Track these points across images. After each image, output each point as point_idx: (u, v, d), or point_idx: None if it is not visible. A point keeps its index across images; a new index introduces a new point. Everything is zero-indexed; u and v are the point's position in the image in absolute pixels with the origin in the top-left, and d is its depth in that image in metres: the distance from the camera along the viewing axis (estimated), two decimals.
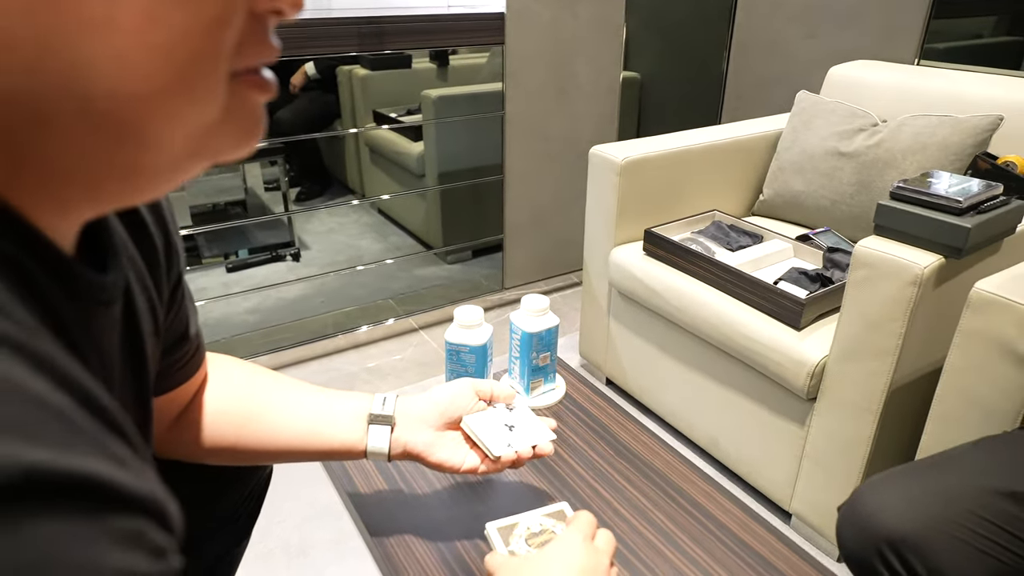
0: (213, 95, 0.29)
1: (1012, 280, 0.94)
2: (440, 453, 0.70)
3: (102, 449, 0.23)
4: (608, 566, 0.58)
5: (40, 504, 0.20)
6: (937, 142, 1.46)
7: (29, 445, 0.20)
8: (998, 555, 0.75)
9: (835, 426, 1.21)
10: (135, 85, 0.26)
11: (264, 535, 1.34)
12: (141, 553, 0.23)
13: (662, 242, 1.51)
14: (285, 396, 0.68)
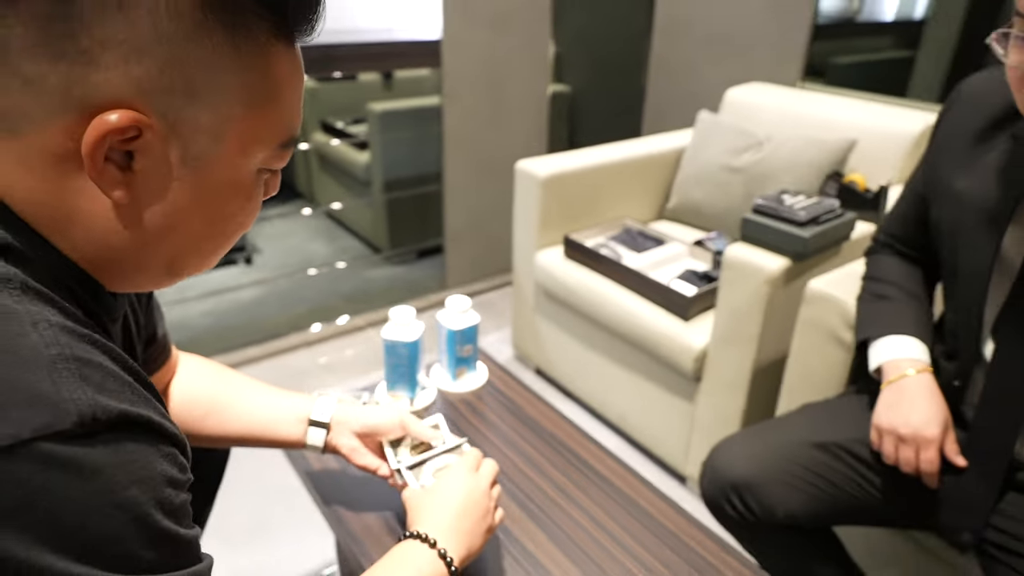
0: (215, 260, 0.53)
1: (837, 280, 1.18)
2: (362, 459, 0.87)
3: (152, 405, 0.42)
4: (488, 487, 0.78)
5: (127, 433, 0.39)
6: (806, 161, 1.71)
7: (116, 400, 0.39)
8: (809, 491, 0.98)
9: (715, 401, 1.44)
10: (208, 257, 0.51)
11: (226, 514, 1.50)
12: (175, 468, 0.43)
13: (579, 247, 1.72)
14: (242, 395, 0.85)
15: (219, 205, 0.47)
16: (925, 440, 0.90)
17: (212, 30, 0.41)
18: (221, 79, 0.42)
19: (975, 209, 0.87)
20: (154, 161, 0.43)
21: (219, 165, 0.45)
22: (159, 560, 0.39)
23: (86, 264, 0.46)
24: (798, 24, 2.07)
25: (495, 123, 2.30)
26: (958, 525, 0.93)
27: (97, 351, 0.40)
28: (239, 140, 0.45)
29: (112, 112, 0.40)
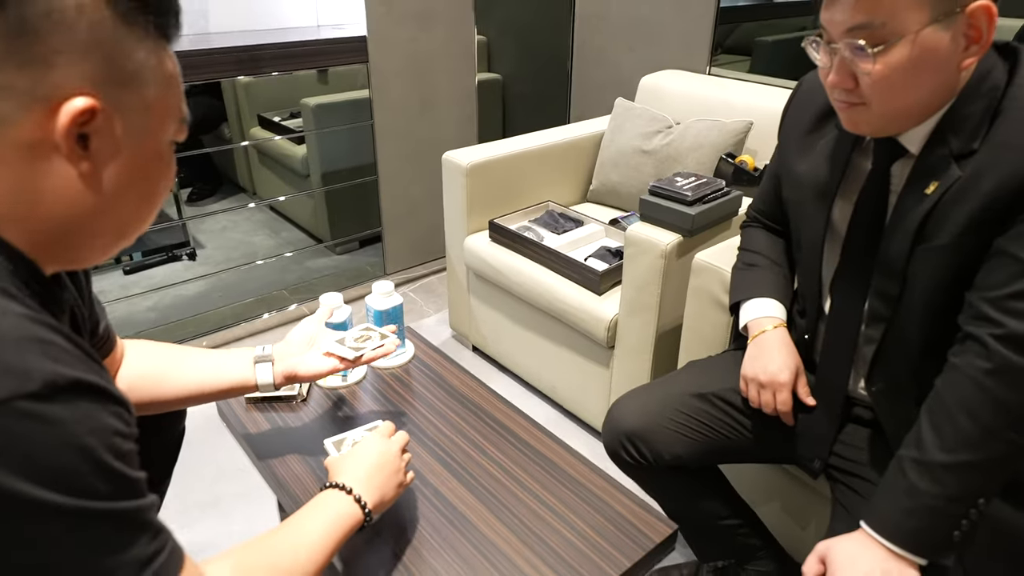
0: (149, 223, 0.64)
1: (719, 252, 1.34)
2: (305, 367, 1.02)
3: (100, 374, 0.54)
4: (399, 450, 0.91)
5: (81, 394, 0.50)
6: (709, 143, 1.87)
7: (71, 369, 0.50)
8: (691, 435, 1.13)
9: (627, 366, 1.60)
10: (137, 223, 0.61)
11: (180, 493, 1.60)
12: (121, 422, 0.54)
13: (503, 231, 1.85)
14: (189, 355, 0.98)
15: (151, 169, 0.61)
16: (779, 384, 1.06)
17: (127, 35, 0.55)
18: (140, 69, 0.57)
19: (810, 187, 1.03)
20: (106, 137, 0.56)
21: (148, 135, 0.59)
22: (112, 491, 0.50)
23: (39, 250, 0.58)
24: (704, 13, 2.22)
25: (424, 114, 2.40)
26: (810, 455, 1.10)
27: (53, 333, 0.52)
28: (158, 115, 0.59)
29: (76, 99, 0.52)
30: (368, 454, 0.88)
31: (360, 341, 1.08)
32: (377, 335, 1.10)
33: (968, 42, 0.79)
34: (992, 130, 0.81)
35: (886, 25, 0.77)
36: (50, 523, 0.47)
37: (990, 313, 0.81)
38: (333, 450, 0.98)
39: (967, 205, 0.82)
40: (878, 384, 0.99)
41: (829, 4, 0.82)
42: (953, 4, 0.76)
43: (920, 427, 0.85)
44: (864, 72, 0.81)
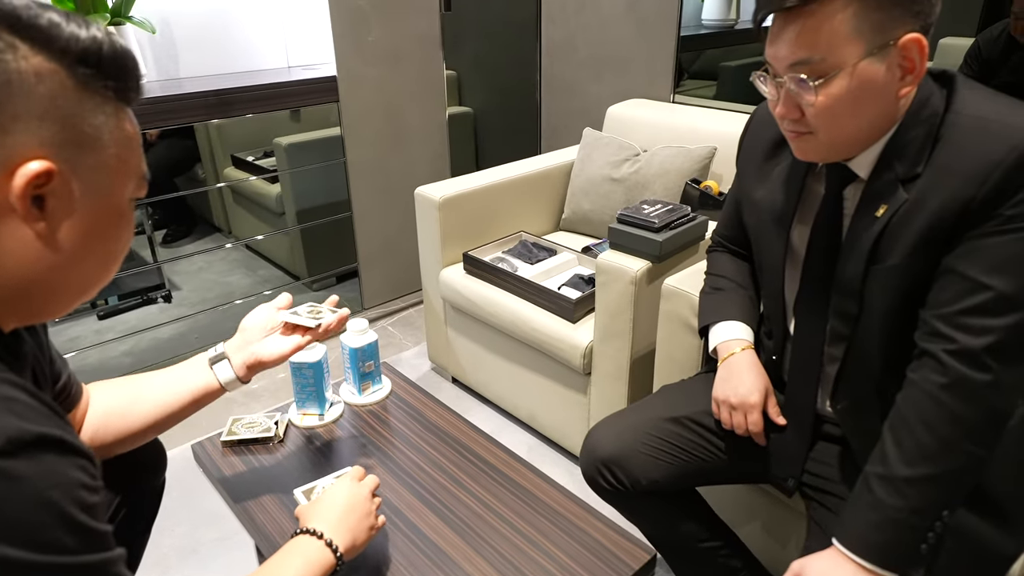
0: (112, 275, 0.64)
1: (687, 276, 1.37)
2: (267, 351, 1.01)
3: (65, 428, 0.54)
4: (369, 493, 0.91)
5: (45, 449, 0.51)
6: (675, 168, 1.92)
7: (36, 425, 0.51)
8: (666, 459, 1.15)
9: (604, 392, 1.61)
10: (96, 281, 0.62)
11: (158, 540, 1.58)
12: (87, 475, 0.55)
13: (478, 263, 1.87)
14: (147, 380, 0.97)
15: (109, 227, 0.62)
16: (749, 406, 1.08)
17: (85, 100, 0.57)
18: (99, 132, 0.59)
19: (768, 213, 1.06)
20: (63, 198, 0.57)
21: (106, 195, 0.61)
22: (78, 545, 0.51)
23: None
24: (665, 42, 2.29)
25: (396, 149, 2.43)
26: (783, 474, 1.11)
27: (15, 389, 0.53)
28: (116, 175, 0.61)
29: (31, 163, 0.54)
30: (338, 498, 0.89)
31: (314, 314, 1.06)
32: (327, 308, 1.08)
33: (903, 72, 0.83)
34: (933, 154, 0.85)
35: (825, 60, 0.81)
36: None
37: (942, 329, 0.84)
38: (303, 499, 0.98)
39: (915, 226, 0.86)
40: (843, 401, 1.01)
41: (772, 41, 0.86)
42: (886, 38, 0.80)
43: (883, 442, 0.88)
44: (808, 103, 0.85)
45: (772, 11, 0.84)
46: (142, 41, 2.06)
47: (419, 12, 2.33)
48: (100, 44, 0.58)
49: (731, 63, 2.38)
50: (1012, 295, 0.80)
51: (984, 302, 0.81)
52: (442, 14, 2.41)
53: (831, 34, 0.80)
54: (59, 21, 0.56)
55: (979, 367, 0.81)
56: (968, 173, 0.81)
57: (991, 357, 0.81)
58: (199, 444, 1.22)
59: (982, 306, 0.81)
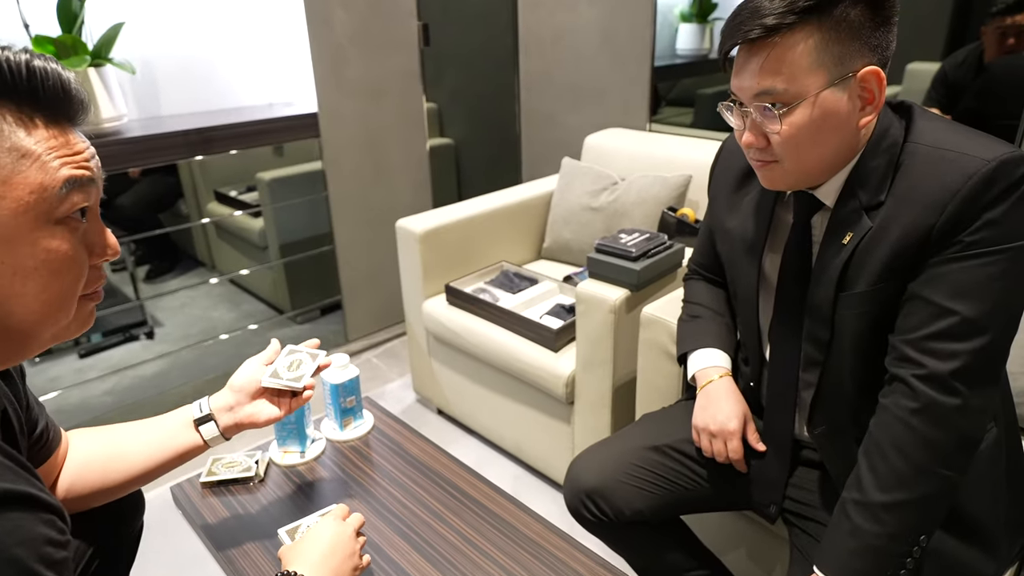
0: (71, 312, 0.62)
1: (665, 304, 1.38)
2: (262, 415, 1.00)
3: (31, 483, 0.54)
4: (353, 532, 0.91)
5: (11, 505, 0.51)
6: (652, 196, 1.94)
7: (0, 480, 0.51)
8: (649, 488, 1.15)
9: (587, 420, 1.61)
10: (37, 319, 0.59)
11: None
12: (54, 531, 0.54)
13: (459, 294, 1.88)
14: (129, 435, 0.95)
15: (20, 260, 0.56)
16: (728, 433, 1.09)
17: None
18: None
19: (740, 242, 1.08)
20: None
21: (4, 224, 0.55)
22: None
23: None
24: (640, 73, 2.33)
25: (378, 182, 2.45)
26: (765, 500, 1.12)
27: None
28: (11, 200, 0.55)
29: None
30: (321, 538, 0.88)
31: (294, 368, 1.04)
32: (306, 356, 1.07)
33: (863, 103, 0.86)
34: (895, 183, 0.88)
35: (788, 90, 0.84)
36: None
37: (911, 354, 0.85)
38: (287, 539, 0.97)
39: (880, 253, 0.87)
40: (819, 427, 1.02)
41: (738, 72, 0.88)
42: (846, 69, 0.83)
43: (859, 469, 0.89)
44: (773, 132, 0.87)
45: (737, 43, 0.87)
46: (123, 81, 2.07)
47: (399, 47, 2.37)
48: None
49: (707, 90, 2.44)
50: (976, 319, 0.81)
51: (950, 327, 0.82)
52: (421, 49, 2.45)
53: (793, 65, 0.83)
54: None
55: (948, 391, 0.83)
56: (928, 202, 0.83)
57: (959, 381, 0.82)
58: (178, 486, 1.21)
59: (948, 331, 0.83)
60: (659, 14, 2.26)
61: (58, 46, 1.72)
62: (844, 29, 0.82)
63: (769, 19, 0.82)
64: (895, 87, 1.84)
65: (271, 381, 1.01)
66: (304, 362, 1.05)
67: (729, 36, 0.87)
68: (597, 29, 2.41)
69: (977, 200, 0.80)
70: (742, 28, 0.84)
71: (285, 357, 1.06)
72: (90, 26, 1.85)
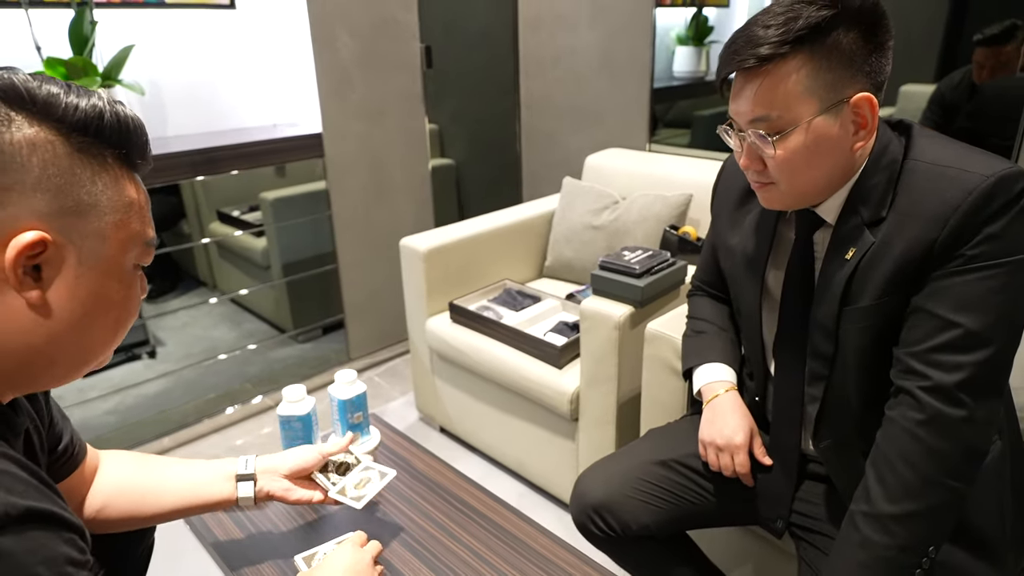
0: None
1: (670, 320, 1.40)
2: (296, 495, 1.02)
3: (54, 501, 0.54)
4: (371, 560, 0.91)
5: (33, 524, 0.51)
6: (654, 215, 1.97)
7: (23, 499, 0.51)
8: (655, 503, 1.15)
9: (592, 437, 1.62)
10: (102, 348, 0.62)
11: None
12: (75, 550, 0.54)
13: (463, 311, 1.90)
14: (168, 472, 0.96)
15: (111, 296, 0.62)
16: (735, 447, 1.10)
17: (82, 167, 0.58)
18: (97, 198, 0.59)
19: (742, 259, 1.10)
20: (58, 266, 0.57)
21: (106, 263, 0.60)
22: None
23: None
24: (639, 95, 2.37)
25: (380, 202, 2.47)
26: (772, 515, 1.12)
27: (6, 462, 0.52)
28: (117, 243, 0.61)
29: (24, 233, 0.54)
30: (339, 565, 0.88)
31: (360, 487, 1.07)
32: (377, 473, 1.10)
33: (856, 128, 0.88)
34: (896, 200, 0.90)
35: (782, 117, 0.86)
36: None
37: (916, 367, 0.87)
38: (303, 565, 0.97)
39: (883, 268, 0.89)
40: (825, 440, 1.03)
41: (734, 98, 0.91)
42: (838, 96, 0.85)
43: (867, 480, 0.90)
44: (768, 156, 0.89)
45: (732, 71, 0.89)
46: (131, 103, 2.10)
47: (401, 69, 2.40)
48: (100, 112, 0.59)
49: (703, 112, 2.48)
50: (980, 331, 0.83)
51: (954, 339, 0.84)
52: (424, 71, 2.49)
53: (786, 93, 0.85)
54: (58, 92, 0.57)
55: (954, 403, 0.84)
56: (929, 217, 0.85)
57: (964, 392, 0.84)
58: None
59: (952, 343, 0.84)
60: (655, 38, 2.30)
61: (69, 68, 1.75)
62: (836, 57, 0.84)
63: (763, 49, 0.84)
64: (889, 108, 1.87)
65: (335, 493, 1.05)
66: (372, 481, 1.08)
67: (725, 64, 0.90)
68: (597, 51, 2.45)
69: (978, 215, 0.82)
70: (737, 57, 0.87)
71: (359, 472, 1.09)
72: (100, 48, 1.88)
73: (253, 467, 1.01)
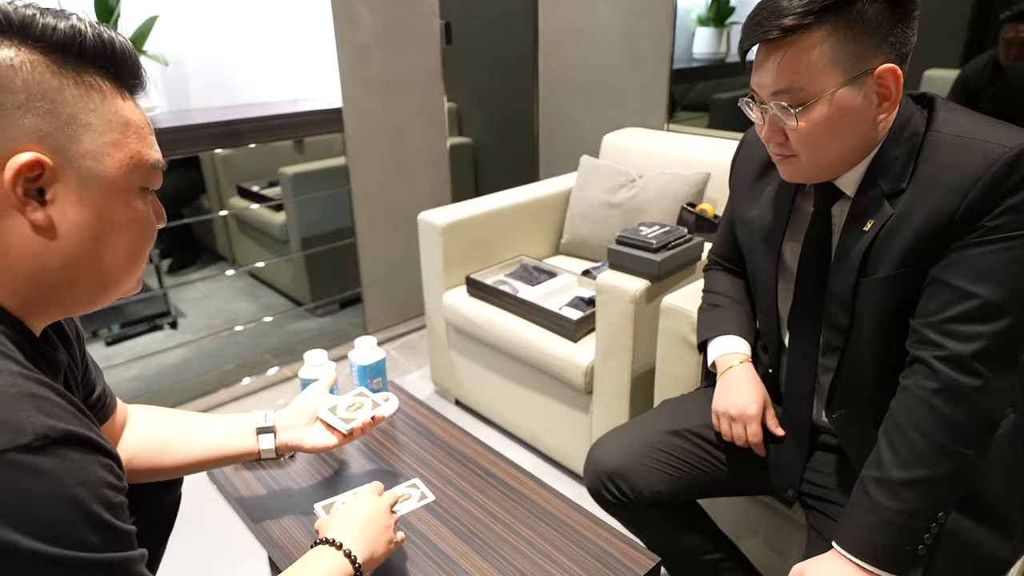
0: (140, 272, 0.68)
1: (685, 294, 1.41)
2: (311, 441, 1.05)
3: (91, 428, 0.57)
4: (388, 508, 0.94)
5: (72, 447, 0.53)
6: (671, 193, 1.97)
7: (63, 423, 0.53)
8: (668, 471, 1.17)
9: (606, 410, 1.64)
10: (122, 271, 0.63)
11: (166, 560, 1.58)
12: (112, 475, 0.56)
13: (480, 285, 1.92)
14: (193, 424, 1.00)
15: (116, 216, 0.62)
16: (748, 417, 1.11)
17: (70, 88, 0.59)
18: (89, 119, 0.60)
19: (760, 232, 1.11)
20: (60, 187, 0.59)
21: (107, 184, 0.61)
22: (102, 543, 0.52)
23: (20, 306, 0.60)
24: (659, 74, 2.36)
25: (399, 178, 2.49)
26: (782, 484, 1.14)
27: (46, 389, 0.54)
28: (116, 162, 0.61)
29: (20, 154, 0.56)
30: (358, 511, 0.91)
31: (352, 410, 1.09)
32: (369, 402, 1.12)
33: (880, 99, 0.88)
34: (916, 171, 0.90)
35: (804, 88, 0.87)
36: (41, 573, 0.48)
37: (932, 337, 0.88)
38: (323, 513, 1.00)
39: (902, 239, 0.90)
40: (838, 411, 1.04)
41: (757, 70, 0.91)
42: (862, 67, 0.86)
43: (879, 447, 0.91)
44: (791, 128, 0.90)
45: (755, 42, 0.90)
46: (155, 74, 2.13)
47: (421, 45, 2.41)
48: (80, 31, 0.59)
49: (722, 95, 2.47)
50: (997, 302, 0.84)
51: (971, 309, 0.85)
52: (443, 47, 2.49)
53: (810, 64, 0.86)
54: (34, 14, 0.57)
55: (969, 372, 0.85)
56: (950, 188, 0.86)
57: (980, 362, 0.85)
58: None
59: (969, 313, 0.85)
60: (676, 18, 2.29)
61: None
62: (861, 27, 0.84)
63: (787, 20, 0.84)
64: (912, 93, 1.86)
65: (326, 414, 1.07)
66: (364, 407, 1.10)
67: (748, 35, 0.90)
68: (617, 29, 2.44)
69: (999, 186, 0.83)
70: (760, 28, 0.87)
71: (352, 397, 1.12)
72: (125, 19, 1.91)
73: (272, 421, 1.04)
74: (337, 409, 1.08)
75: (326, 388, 1.14)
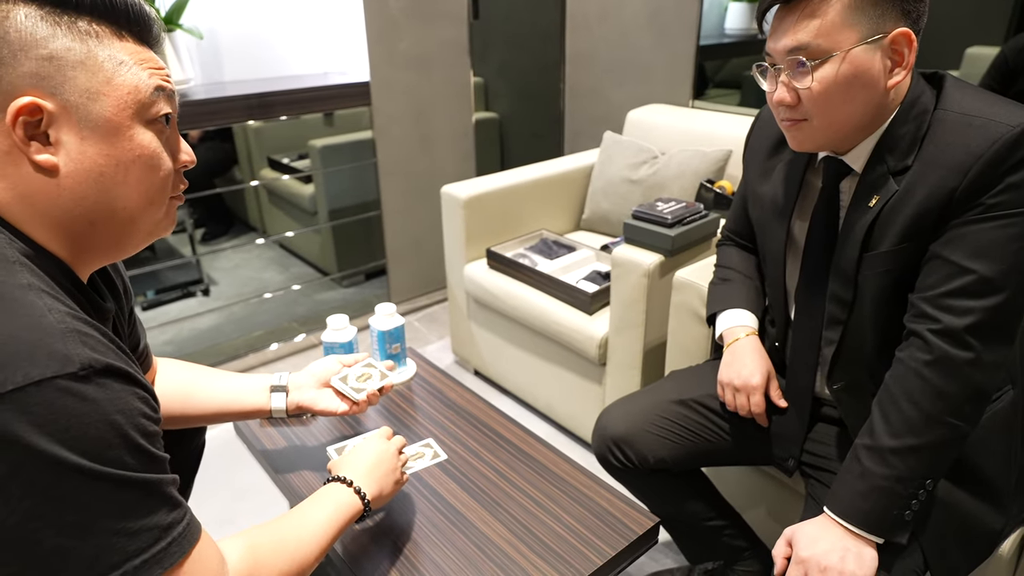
0: (163, 207, 0.71)
1: (698, 269, 1.44)
2: (321, 404, 1.10)
3: (130, 364, 0.62)
4: (396, 450, 1.00)
5: (112, 377, 0.59)
6: (692, 170, 1.98)
7: (105, 356, 0.58)
8: (673, 439, 1.22)
9: (618, 381, 1.68)
10: (137, 208, 0.67)
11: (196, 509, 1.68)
12: (147, 407, 0.62)
13: (500, 258, 1.96)
14: (212, 379, 1.07)
15: (119, 154, 0.63)
16: (751, 388, 1.14)
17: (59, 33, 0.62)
18: (83, 61, 0.61)
19: (771, 207, 1.13)
20: (62, 130, 0.61)
21: (106, 122, 0.62)
22: (138, 465, 0.58)
23: (64, 251, 0.65)
24: (685, 51, 2.36)
25: (425, 151, 2.54)
26: (784, 454, 1.17)
27: (91, 328, 0.59)
28: (113, 99, 0.63)
29: (19, 99, 0.59)
30: (367, 452, 0.97)
31: (362, 380, 1.13)
32: (377, 373, 1.15)
33: (893, 64, 0.89)
34: (922, 149, 0.91)
35: (820, 45, 0.88)
36: (82, 485, 0.54)
37: (928, 310, 0.90)
38: (335, 454, 1.06)
39: (904, 214, 0.92)
40: (839, 382, 1.07)
41: (774, 32, 0.93)
42: (878, 29, 0.87)
43: (872, 416, 0.94)
44: (804, 87, 0.91)
45: (775, 3, 0.91)
46: (191, 47, 2.19)
47: (449, 20, 2.43)
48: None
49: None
50: (993, 278, 0.86)
51: (966, 284, 0.87)
52: (471, 22, 2.51)
53: (827, 22, 0.87)
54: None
55: (961, 345, 0.87)
56: (952, 165, 0.87)
57: (973, 336, 0.87)
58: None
59: (965, 288, 0.87)
60: None
61: None
62: None
63: None
64: (953, 72, 1.83)
65: (337, 383, 1.11)
66: (373, 377, 1.14)
67: None
68: (645, 5, 2.43)
69: (1000, 164, 0.84)
70: None
71: (362, 367, 1.16)
72: None
73: (286, 381, 1.10)
74: (348, 379, 1.13)
75: (346, 361, 1.16)
